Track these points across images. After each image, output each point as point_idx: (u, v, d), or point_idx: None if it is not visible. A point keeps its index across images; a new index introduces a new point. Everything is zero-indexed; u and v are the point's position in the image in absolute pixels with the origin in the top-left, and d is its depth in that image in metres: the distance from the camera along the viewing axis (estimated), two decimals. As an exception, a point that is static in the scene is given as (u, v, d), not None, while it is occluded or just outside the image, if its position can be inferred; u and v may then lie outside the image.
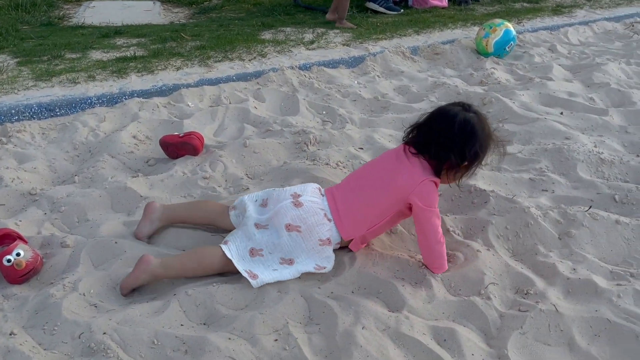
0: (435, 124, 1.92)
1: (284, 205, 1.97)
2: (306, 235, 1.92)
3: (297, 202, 1.97)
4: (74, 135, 3.01)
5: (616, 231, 2.19)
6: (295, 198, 1.99)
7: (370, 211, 1.95)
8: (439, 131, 1.89)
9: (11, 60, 4.09)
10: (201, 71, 3.98)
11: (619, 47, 5.09)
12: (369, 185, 1.98)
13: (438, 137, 1.88)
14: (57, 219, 2.28)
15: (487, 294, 1.86)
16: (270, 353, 1.60)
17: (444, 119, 1.90)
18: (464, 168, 1.92)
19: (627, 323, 1.73)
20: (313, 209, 1.96)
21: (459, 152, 1.87)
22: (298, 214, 1.94)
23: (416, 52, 4.75)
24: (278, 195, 2.03)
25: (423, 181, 1.89)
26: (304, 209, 1.95)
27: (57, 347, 1.59)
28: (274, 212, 1.98)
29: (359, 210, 1.96)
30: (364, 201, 1.96)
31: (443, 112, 1.93)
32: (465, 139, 1.86)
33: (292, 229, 1.92)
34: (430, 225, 1.92)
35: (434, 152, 1.89)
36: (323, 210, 1.98)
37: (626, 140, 3.06)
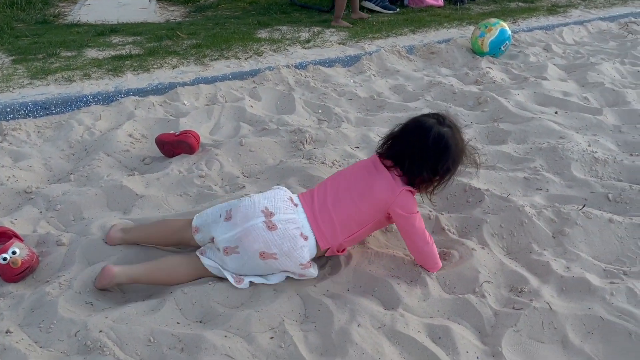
0: (409, 137, 1.89)
1: (255, 227, 1.80)
2: (284, 261, 1.82)
3: (270, 224, 1.80)
4: (70, 133, 3.01)
5: (609, 230, 2.20)
6: (267, 217, 1.82)
7: (349, 221, 1.88)
8: (413, 145, 1.86)
9: (6, 58, 4.08)
10: (197, 70, 3.99)
11: (614, 47, 5.12)
12: (348, 196, 1.90)
13: (412, 152, 1.85)
14: (52, 218, 2.28)
15: (482, 292, 1.88)
16: (267, 351, 1.61)
17: (418, 133, 1.86)
18: (436, 182, 1.91)
19: (620, 321, 1.74)
20: (288, 232, 1.81)
21: (432, 168, 1.85)
22: (272, 239, 1.79)
23: (412, 51, 4.76)
24: (246, 210, 1.84)
25: (401, 192, 1.88)
26: (278, 233, 1.80)
27: (54, 345, 1.59)
28: (243, 232, 1.80)
29: (339, 220, 1.87)
30: (344, 211, 1.88)
31: (417, 125, 1.89)
32: (438, 154, 1.84)
33: (267, 257, 1.80)
34: (415, 229, 1.91)
35: (407, 167, 1.86)
36: (299, 229, 1.83)
37: (620, 140, 3.08)
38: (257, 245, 1.79)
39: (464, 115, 3.40)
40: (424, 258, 1.96)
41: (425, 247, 1.94)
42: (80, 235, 2.10)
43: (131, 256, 2.01)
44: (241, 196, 2.35)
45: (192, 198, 2.45)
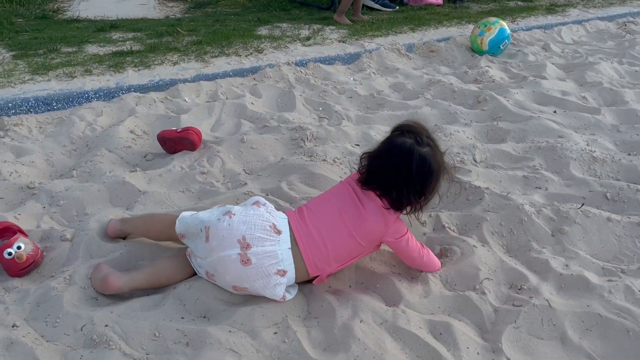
0: (391, 165, 1.81)
1: (229, 259, 1.73)
2: (257, 292, 1.78)
3: (245, 259, 1.72)
4: (71, 129, 3.02)
5: (608, 228, 2.23)
6: (242, 249, 1.72)
7: (343, 251, 1.84)
8: (397, 173, 1.80)
9: (7, 53, 4.08)
10: (198, 66, 4.00)
11: (612, 47, 5.15)
12: (342, 227, 1.83)
13: (397, 181, 1.79)
14: (56, 213, 2.30)
15: (482, 289, 1.90)
16: (270, 346, 1.63)
17: (400, 160, 1.79)
18: (422, 202, 1.87)
19: (618, 318, 1.77)
20: (263, 269, 1.73)
21: (418, 193, 1.82)
22: (244, 274, 1.73)
23: (411, 49, 4.78)
24: (222, 237, 1.75)
25: (394, 221, 1.86)
26: (251, 268, 1.72)
27: (60, 339, 1.61)
28: (217, 260, 1.75)
29: (333, 251, 1.81)
30: (337, 241, 1.82)
31: (397, 150, 1.81)
32: (423, 179, 1.80)
33: (240, 289, 1.79)
34: (409, 248, 1.90)
35: (396, 197, 1.81)
36: (276, 265, 1.74)
37: (618, 139, 3.11)
38: (229, 277, 1.76)
39: (463, 114, 3.42)
40: (425, 267, 1.97)
41: (423, 259, 1.94)
42: (84, 231, 2.12)
43: (136, 252, 2.02)
44: (243, 193, 2.38)
45: (194, 194, 2.46)
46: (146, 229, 2.08)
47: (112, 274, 1.83)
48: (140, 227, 2.10)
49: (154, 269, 1.91)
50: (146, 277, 1.87)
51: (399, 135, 1.85)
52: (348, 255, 1.86)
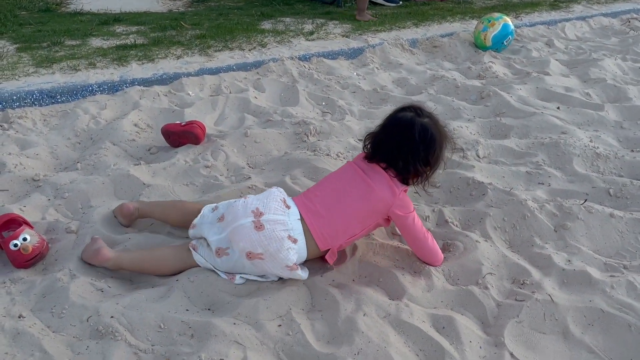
0: (394, 136, 1.89)
1: (244, 226, 1.81)
2: (270, 262, 1.81)
3: (258, 224, 1.80)
4: (76, 122, 3.03)
5: (610, 224, 2.24)
6: (256, 217, 1.82)
7: (351, 222, 1.89)
8: (400, 144, 1.87)
9: (10, 46, 4.09)
10: (201, 60, 4.00)
11: (615, 43, 5.14)
12: (349, 198, 1.89)
13: (401, 151, 1.86)
14: (60, 205, 2.31)
15: (485, 283, 1.91)
16: (275, 338, 1.64)
17: (402, 131, 1.87)
18: (428, 172, 1.93)
19: (620, 313, 1.78)
20: (275, 233, 1.80)
21: (423, 161, 1.88)
22: (258, 239, 1.79)
23: (415, 44, 4.77)
24: (237, 211, 1.86)
25: (401, 192, 1.91)
26: (265, 233, 1.79)
27: (66, 330, 1.62)
28: (232, 231, 1.82)
29: (341, 222, 1.88)
30: (346, 213, 1.88)
31: (398, 122, 1.89)
32: (427, 146, 1.86)
33: (254, 257, 1.80)
34: (415, 226, 1.94)
35: (402, 166, 1.88)
36: (287, 231, 1.82)
37: (621, 136, 3.11)
38: (244, 244, 1.79)
39: (466, 110, 3.43)
40: (426, 253, 1.99)
41: (426, 243, 1.97)
42: (89, 223, 2.13)
43: (141, 244, 2.04)
44: (247, 187, 2.40)
45: (198, 188, 2.47)
46: (167, 213, 2.15)
47: (105, 247, 1.91)
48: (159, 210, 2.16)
49: (145, 252, 1.95)
50: (134, 257, 1.91)
51: (399, 111, 1.95)
52: (358, 226, 1.91)
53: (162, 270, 1.92)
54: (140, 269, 1.92)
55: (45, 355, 1.52)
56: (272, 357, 1.59)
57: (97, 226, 2.10)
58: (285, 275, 1.86)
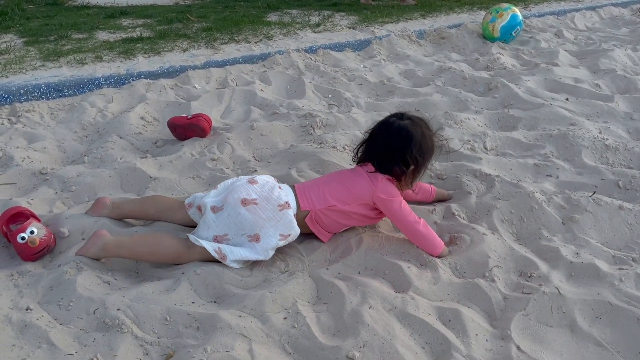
0: (375, 138, 2.04)
1: (239, 184, 2.00)
2: (263, 204, 1.94)
3: (252, 181, 2.01)
4: (82, 115, 3.04)
5: (619, 217, 2.22)
6: (251, 182, 2.02)
7: (334, 194, 2.03)
8: (378, 143, 2.02)
9: (18, 40, 4.10)
10: (207, 53, 3.99)
11: (626, 33, 5.08)
12: (332, 182, 2.08)
13: (379, 149, 2.01)
14: (68, 198, 2.32)
15: (492, 276, 1.90)
16: (280, 330, 1.64)
17: (381, 132, 2.02)
18: (412, 173, 2.02)
19: (628, 306, 1.76)
20: (268, 184, 2.01)
21: (402, 160, 1.98)
22: (252, 188, 1.97)
23: (422, 36, 4.74)
24: (233, 180, 2.08)
25: (382, 179, 2.02)
26: (258, 185, 2.00)
27: (73, 322, 1.63)
28: (228, 192, 1.99)
29: (324, 190, 2.04)
30: (327, 187, 2.06)
31: (380, 125, 2.05)
32: (403, 146, 1.97)
33: (248, 202, 1.93)
34: (402, 211, 2.01)
35: (378, 164, 2.02)
36: (278, 190, 2.01)
37: (631, 127, 3.07)
38: (238, 194, 1.94)
39: (474, 101, 3.40)
40: (421, 240, 2.00)
41: (417, 227, 1.99)
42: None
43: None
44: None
45: (204, 181, 2.47)
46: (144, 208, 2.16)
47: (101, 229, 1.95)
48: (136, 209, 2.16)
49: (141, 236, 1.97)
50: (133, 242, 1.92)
51: (386, 117, 2.08)
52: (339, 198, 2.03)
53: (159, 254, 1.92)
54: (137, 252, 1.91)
55: (53, 347, 1.53)
56: (277, 350, 1.59)
57: (104, 220, 2.11)
58: (275, 221, 1.92)
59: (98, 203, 2.14)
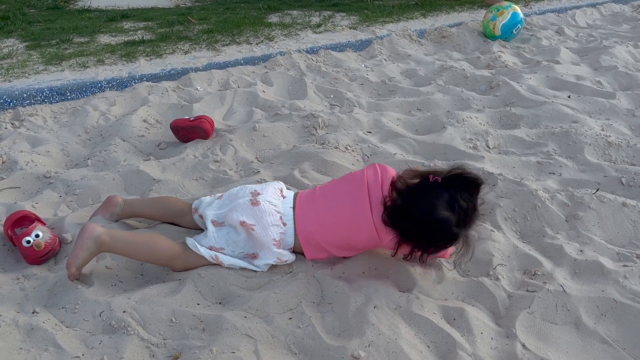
0: (412, 222, 1.75)
1: (241, 203, 1.91)
2: (260, 234, 1.85)
3: (255, 201, 1.90)
4: (85, 119, 3.05)
5: (623, 213, 2.22)
6: (254, 196, 1.92)
7: (332, 241, 1.89)
8: (411, 225, 1.75)
9: (20, 44, 4.11)
10: (209, 55, 4.00)
11: (627, 30, 5.07)
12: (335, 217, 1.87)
13: (410, 234, 1.77)
14: (72, 202, 2.33)
15: (496, 274, 1.90)
16: (285, 331, 1.65)
17: (422, 216, 1.72)
18: (427, 251, 1.83)
19: (633, 303, 1.76)
20: (270, 209, 1.89)
21: (426, 244, 1.79)
22: (252, 212, 1.88)
23: (423, 35, 4.74)
24: (237, 192, 1.98)
25: (391, 237, 1.81)
26: (260, 208, 1.88)
27: (79, 325, 1.64)
28: (229, 209, 1.91)
29: (322, 234, 1.88)
30: (328, 230, 1.88)
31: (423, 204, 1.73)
32: (435, 240, 1.77)
33: (247, 226, 1.86)
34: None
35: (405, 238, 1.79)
36: (279, 214, 1.90)
37: (633, 124, 3.07)
38: (239, 215, 1.88)
39: (476, 100, 3.40)
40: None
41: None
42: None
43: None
44: (256, 181, 2.40)
45: (208, 182, 2.48)
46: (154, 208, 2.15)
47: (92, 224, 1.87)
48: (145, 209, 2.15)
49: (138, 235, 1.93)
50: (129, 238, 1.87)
51: (437, 187, 1.74)
52: (344, 245, 1.90)
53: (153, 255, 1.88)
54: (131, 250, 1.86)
55: (59, 350, 1.53)
56: (283, 350, 1.60)
57: (110, 223, 2.11)
58: (271, 254, 1.88)
59: (109, 201, 2.14)
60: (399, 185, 1.79)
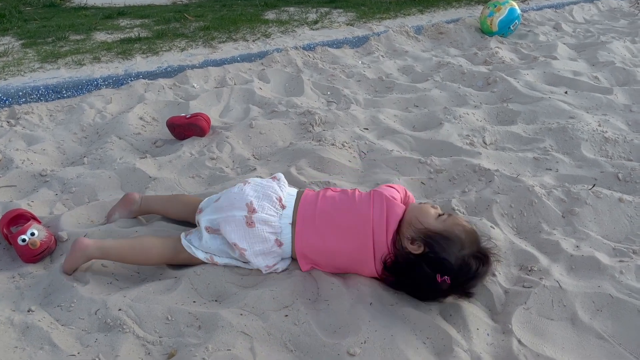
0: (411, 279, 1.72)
1: (235, 218, 1.81)
2: (252, 259, 1.82)
3: (250, 221, 1.80)
4: (81, 116, 3.04)
5: (619, 209, 2.22)
6: (249, 212, 1.80)
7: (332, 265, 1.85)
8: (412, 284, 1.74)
9: (16, 42, 4.10)
10: (206, 52, 3.99)
11: (624, 25, 5.07)
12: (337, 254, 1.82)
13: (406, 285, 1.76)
14: (68, 200, 2.32)
15: (492, 270, 1.90)
16: (281, 328, 1.64)
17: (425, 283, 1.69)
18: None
19: (629, 298, 1.76)
20: (264, 234, 1.80)
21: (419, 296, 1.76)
22: (246, 235, 1.80)
23: (420, 31, 4.73)
24: (232, 199, 1.85)
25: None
26: (254, 231, 1.79)
27: (75, 323, 1.63)
28: (223, 219, 1.82)
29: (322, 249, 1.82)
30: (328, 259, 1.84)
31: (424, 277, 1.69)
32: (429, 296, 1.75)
33: (238, 249, 1.82)
34: None
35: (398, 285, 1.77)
36: (275, 234, 1.82)
37: (630, 119, 3.07)
38: (233, 236, 1.81)
39: (473, 96, 3.40)
40: None
41: None
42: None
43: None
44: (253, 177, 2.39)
45: (204, 180, 2.48)
46: (167, 205, 2.13)
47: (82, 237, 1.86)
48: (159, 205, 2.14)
49: (127, 242, 1.90)
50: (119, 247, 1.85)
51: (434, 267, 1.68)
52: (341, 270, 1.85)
53: (145, 260, 1.88)
54: (124, 257, 1.87)
55: (55, 349, 1.53)
56: (278, 347, 1.60)
57: (105, 222, 2.11)
58: (263, 270, 1.86)
59: (127, 199, 2.14)
60: (399, 259, 1.74)
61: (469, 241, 1.71)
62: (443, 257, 1.67)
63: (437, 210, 1.80)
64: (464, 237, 1.70)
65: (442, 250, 1.67)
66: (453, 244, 1.68)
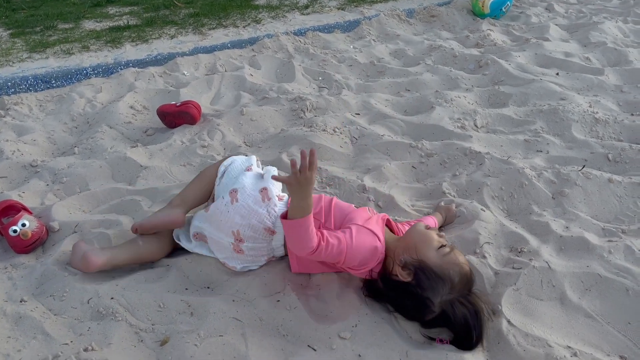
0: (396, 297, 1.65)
1: (223, 243, 1.77)
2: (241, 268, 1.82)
3: (238, 249, 1.76)
4: (71, 106, 3.02)
5: (609, 189, 2.23)
6: (236, 241, 1.74)
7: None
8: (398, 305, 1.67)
9: (4, 32, 4.06)
10: (196, 39, 3.96)
11: (616, 5, 5.05)
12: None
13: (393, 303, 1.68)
14: (59, 190, 2.32)
15: (483, 252, 1.91)
16: (273, 314, 1.66)
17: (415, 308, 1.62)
18: None
19: (617, 277, 1.78)
20: (254, 258, 1.80)
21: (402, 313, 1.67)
22: (234, 257, 1.79)
23: (412, 14, 4.71)
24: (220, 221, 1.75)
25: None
26: (244, 256, 1.78)
27: (67, 312, 1.64)
28: (209, 238, 1.80)
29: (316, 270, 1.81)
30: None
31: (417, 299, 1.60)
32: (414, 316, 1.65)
33: (227, 265, 1.82)
34: None
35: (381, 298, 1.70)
36: (267, 255, 1.81)
37: (621, 100, 3.07)
38: (221, 255, 1.81)
39: (464, 79, 3.39)
40: None
41: None
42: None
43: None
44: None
45: (195, 168, 2.47)
46: (205, 191, 1.94)
47: (91, 251, 1.79)
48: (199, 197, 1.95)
49: (136, 245, 1.88)
50: (129, 255, 1.85)
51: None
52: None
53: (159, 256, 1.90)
54: (137, 261, 1.87)
55: (48, 338, 1.54)
56: (270, 332, 1.61)
57: (95, 209, 2.11)
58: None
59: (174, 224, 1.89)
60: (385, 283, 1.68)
61: (460, 285, 1.61)
62: (426, 297, 1.58)
63: (441, 240, 1.69)
64: (457, 280, 1.60)
65: (429, 288, 1.59)
66: (442, 285, 1.58)
